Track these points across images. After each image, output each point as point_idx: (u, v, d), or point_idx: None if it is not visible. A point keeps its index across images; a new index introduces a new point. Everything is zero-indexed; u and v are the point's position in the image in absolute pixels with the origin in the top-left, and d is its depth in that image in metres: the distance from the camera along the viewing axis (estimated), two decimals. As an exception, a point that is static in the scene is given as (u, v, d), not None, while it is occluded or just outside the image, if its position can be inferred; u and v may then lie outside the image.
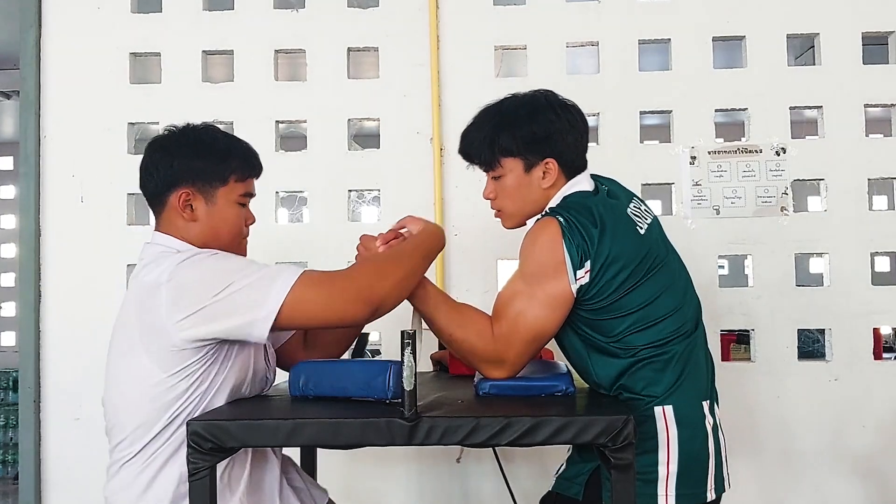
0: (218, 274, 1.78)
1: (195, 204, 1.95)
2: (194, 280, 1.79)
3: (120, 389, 1.89)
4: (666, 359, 1.94)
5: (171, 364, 1.80)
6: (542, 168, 2.03)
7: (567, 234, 1.89)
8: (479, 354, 1.95)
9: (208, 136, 2.01)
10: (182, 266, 1.81)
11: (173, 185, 1.94)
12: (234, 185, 1.98)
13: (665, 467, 1.92)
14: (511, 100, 2.08)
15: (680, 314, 1.99)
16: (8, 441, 7.10)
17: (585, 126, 2.09)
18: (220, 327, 1.77)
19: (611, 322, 1.94)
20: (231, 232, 1.99)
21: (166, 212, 1.97)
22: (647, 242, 1.99)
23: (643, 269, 1.94)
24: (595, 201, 1.98)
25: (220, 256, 1.85)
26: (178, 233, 1.96)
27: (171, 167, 1.95)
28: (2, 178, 10.35)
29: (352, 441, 1.70)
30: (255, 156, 2.06)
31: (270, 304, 1.75)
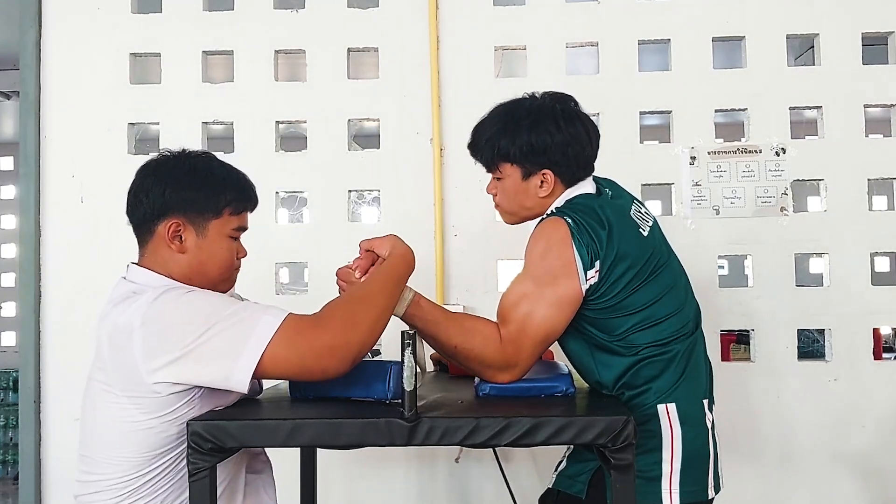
0: (194, 318, 1.68)
1: (185, 235, 1.85)
2: (168, 324, 1.69)
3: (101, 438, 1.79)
4: (668, 358, 1.95)
5: (155, 408, 1.72)
6: (539, 177, 2.04)
7: (576, 235, 1.89)
8: (488, 361, 1.92)
9: (204, 164, 1.92)
10: (155, 306, 1.71)
11: (163, 214, 1.84)
12: (229, 219, 1.89)
13: (668, 465, 1.92)
14: (522, 103, 2.08)
15: (681, 315, 2.00)
16: (8, 441, 7.10)
17: (591, 138, 2.07)
18: (196, 376, 1.69)
19: (616, 320, 1.95)
20: (220, 267, 1.90)
21: (152, 241, 1.87)
22: (651, 244, 2.00)
23: (648, 269, 1.95)
24: (600, 203, 1.99)
25: (194, 295, 1.75)
26: (162, 265, 1.86)
27: (162, 195, 1.84)
28: (2, 178, 10.33)
29: (352, 441, 1.70)
30: (252, 188, 1.97)
31: (247, 355, 1.66)
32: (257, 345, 1.66)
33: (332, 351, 1.69)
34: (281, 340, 1.67)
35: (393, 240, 1.99)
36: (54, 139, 3.36)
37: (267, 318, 1.69)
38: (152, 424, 1.72)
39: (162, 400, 1.70)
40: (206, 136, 3.37)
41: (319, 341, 1.69)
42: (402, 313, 1.94)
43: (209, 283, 1.88)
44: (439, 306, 2.02)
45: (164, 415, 1.72)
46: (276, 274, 3.31)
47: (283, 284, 3.42)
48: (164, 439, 1.74)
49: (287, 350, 1.68)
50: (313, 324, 1.72)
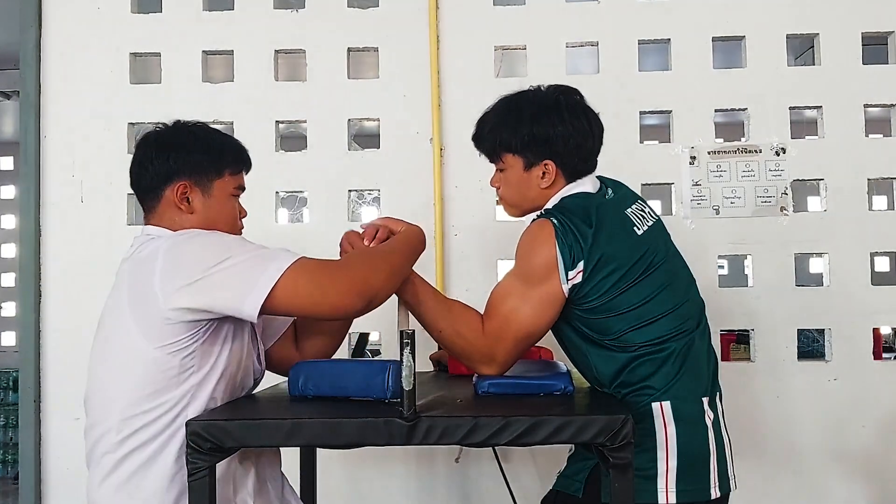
0: (215, 248, 1.78)
1: (192, 196, 1.95)
2: (191, 252, 1.79)
3: (107, 371, 1.86)
4: (664, 356, 1.95)
5: (161, 336, 1.77)
6: (541, 168, 2.05)
7: (560, 235, 1.91)
8: (468, 350, 1.98)
9: (202, 131, 2.04)
10: (180, 239, 1.83)
11: (170, 178, 1.95)
12: (229, 179, 2.00)
13: (664, 463, 1.92)
14: (525, 95, 2.09)
15: (678, 313, 1.99)
16: (8, 441, 7.10)
17: (595, 131, 2.09)
18: (211, 300, 1.75)
19: (607, 321, 1.95)
20: (227, 223, 1.99)
21: (161, 206, 1.97)
22: (645, 243, 1.99)
23: (639, 269, 1.94)
24: (592, 202, 2.00)
25: (218, 233, 1.87)
26: (173, 225, 1.95)
27: (167, 161, 1.95)
28: (2, 178, 10.34)
29: (351, 441, 1.70)
30: (246, 151, 2.09)
31: (264, 282, 1.73)
32: (274, 273, 1.74)
33: (352, 285, 1.79)
34: (301, 270, 1.77)
35: (405, 221, 2.10)
36: (54, 139, 3.36)
37: (289, 252, 1.81)
38: (155, 356, 1.77)
39: (170, 328, 1.77)
40: (206, 136, 3.36)
41: (338, 276, 1.80)
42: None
43: None
44: (433, 288, 2.07)
45: (169, 344, 1.77)
46: (276, 274, 3.30)
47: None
48: (163, 373, 1.79)
49: (306, 279, 1.77)
50: (333, 264, 1.87)
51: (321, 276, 1.79)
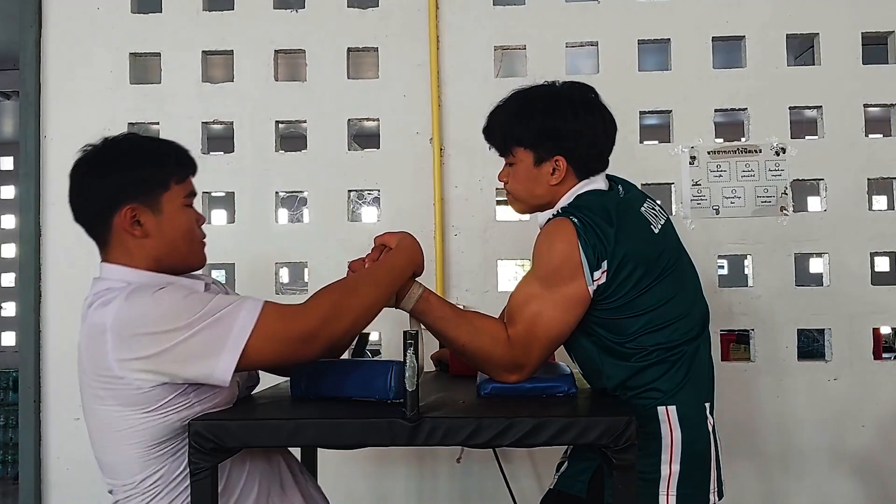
0: (167, 316, 1.66)
1: (143, 218, 1.81)
2: (141, 322, 1.66)
3: (103, 440, 1.79)
4: (673, 360, 1.94)
5: (143, 402, 1.69)
6: (551, 164, 2.00)
7: (582, 235, 1.87)
8: (495, 361, 1.91)
9: (136, 143, 1.91)
10: (126, 305, 1.68)
11: (114, 204, 1.80)
12: (176, 189, 1.85)
13: (667, 467, 1.92)
14: (539, 89, 2.06)
15: (689, 318, 1.99)
16: (8, 441, 7.09)
17: (608, 130, 2.07)
18: (176, 374, 1.68)
19: (625, 321, 1.93)
20: (186, 238, 1.87)
21: (113, 236, 1.82)
22: (661, 242, 1.98)
23: (658, 268, 1.93)
24: (609, 200, 1.98)
25: (166, 292, 1.70)
26: (130, 257, 1.82)
27: (106, 187, 1.81)
28: (2, 178, 10.33)
29: (353, 441, 1.70)
30: (188, 152, 1.93)
31: (227, 354, 1.65)
32: (238, 340, 1.65)
33: (311, 339, 1.70)
34: (261, 332, 1.66)
35: (403, 235, 1.98)
36: (54, 139, 3.35)
37: (244, 313, 1.68)
38: (147, 419, 1.70)
39: (147, 394, 1.68)
40: (206, 136, 3.37)
41: (299, 330, 1.69)
42: (411, 308, 1.93)
43: (181, 258, 1.86)
44: (449, 303, 2.00)
45: (157, 408, 1.70)
46: (276, 274, 3.31)
47: (283, 284, 3.41)
48: (165, 429, 1.72)
49: (267, 341, 1.67)
50: (294, 312, 1.71)
51: (282, 333, 1.69)
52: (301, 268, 3.44)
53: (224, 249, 3.30)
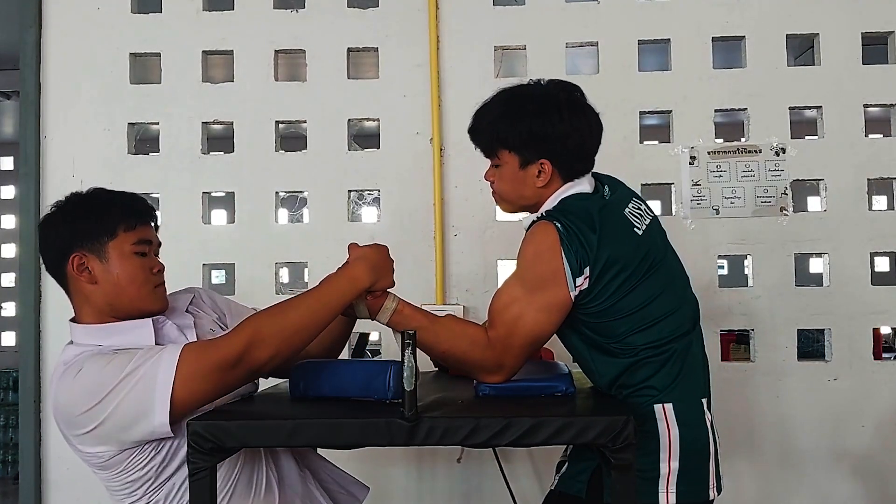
0: (92, 394, 1.74)
1: (90, 265, 1.88)
2: (72, 406, 1.77)
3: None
4: (665, 357, 1.94)
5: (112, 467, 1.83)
6: (536, 167, 1.99)
7: (565, 241, 1.87)
8: (476, 363, 1.93)
9: (88, 196, 1.97)
10: (58, 393, 1.81)
11: (65, 254, 1.89)
12: (125, 236, 1.90)
13: (666, 465, 1.92)
14: (526, 89, 2.04)
15: (678, 314, 1.99)
16: (8, 441, 7.10)
17: (594, 131, 2.04)
18: (121, 441, 1.77)
19: (611, 324, 1.94)
20: (133, 283, 1.90)
21: (71, 285, 1.93)
22: (646, 243, 1.98)
23: (642, 269, 1.93)
24: (593, 204, 1.96)
25: (86, 371, 1.77)
26: (85, 305, 1.93)
27: (57, 237, 1.91)
28: (2, 178, 10.34)
29: (352, 441, 1.70)
30: (141, 202, 1.98)
31: (159, 408, 1.72)
32: (164, 392, 1.71)
33: (231, 366, 1.75)
34: (182, 376, 1.72)
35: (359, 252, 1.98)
36: (54, 139, 3.35)
37: (164, 365, 1.73)
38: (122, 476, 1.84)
39: (110, 461, 1.81)
40: (206, 136, 3.36)
41: (216, 360, 1.74)
42: (386, 321, 1.96)
43: (131, 304, 1.91)
44: (424, 311, 2.00)
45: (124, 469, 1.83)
46: (276, 274, 3.31)
47: (283, 284, 3.41)
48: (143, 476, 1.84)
49: (191, 381, 1.73)
50: (212, 345, 1.79)
51: (204, 370, 1.74)
52: (301, 268, 3.44)
53: (224, 249, 3.31)
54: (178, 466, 1.84)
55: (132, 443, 1.77)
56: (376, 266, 1.95)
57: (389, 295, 1.97)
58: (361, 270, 1.92)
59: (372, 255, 1.97)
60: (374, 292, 1.95)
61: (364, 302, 1.96)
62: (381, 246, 2.01)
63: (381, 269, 1.96)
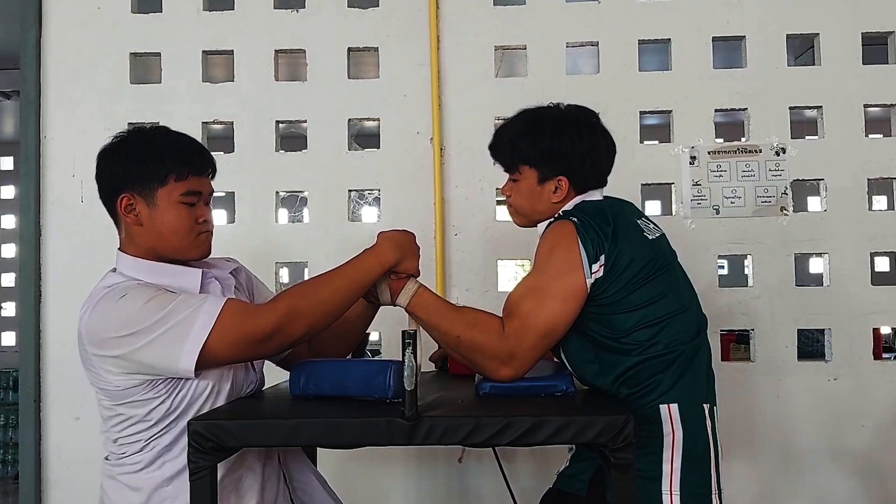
0: (129, 323, 1.78)
1: (137, 208, 1.92)
2: (105, 328, 1.81)
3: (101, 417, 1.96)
4: (670, 358, 1.96)
5: (120, 397, 1.86)
6: (554, 183, 2.09)
7: (581, 231, 1.94)
8: (489, 352, 1.93)
9: (146, 137, 1.98)
10: (94, 315, 1.84)
11: (116, 192, 1.93)
12: (175, 185, 1.92)
13: (669, 465, 1.92)
14: (546, 111, 2.15)
15: (684, 316, 2.01)
16: (8, 441, 7.10)
17: (609, 151, 2.16)
18: (146, 369, 1.81)
19: (619, 317, 1.96)
20: (177, 233, 1.93)
21: (120, 222, 1.98)
22: (655, 248, 2.04)
23: (650, 268, 1.97)
24: (606, 204, 2.06)
25: (130, 297, 1.82)
26: (131, 242, 1.96)
27: (111, 174, 1.94)
28: (2, 178, 10.34)
29: (352, 441, 1.70)
30: (197, 152, 1.99)
31: (188, 349, 1.77)
32: (198, 337, 1.77)
33: (267, 339, 1.81)
34: (219, 330, 1.78)
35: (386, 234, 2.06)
36: (54, 139, 3.35)
37: (204, 314, 1.79)
38: (122, 411, 1.87)
39: (124, 392, 1.84)
40: (206, 136, 3.36)
41: (254, 330, 1.80)
42: (406, 304, 2.01)
43: (173, 250, 1.95)
44: (444, 299, 2.07)
45: (133, 401, 1.85)
46: (276, 274, 3.31)
47: (283, 284, 3.41)
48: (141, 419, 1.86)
49: (225, 339, 1.79)
50: (252, 312, 1.84)
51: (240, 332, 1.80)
52: (301, 268, 3.44)
53: (224, 249, 3.27)
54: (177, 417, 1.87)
55: (153, 376, 1.81)
56: (401, 246, 2.03)
57: (411, 279, 2.05)
58: (387, 248, 2.01)
59: (398, 236, 2.05)
60: (397, 274, 2.03)
61: (387, 283, 2.04)
62: (409, 232, 2.10)
63: (407, 250, 2.04)
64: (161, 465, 1.87)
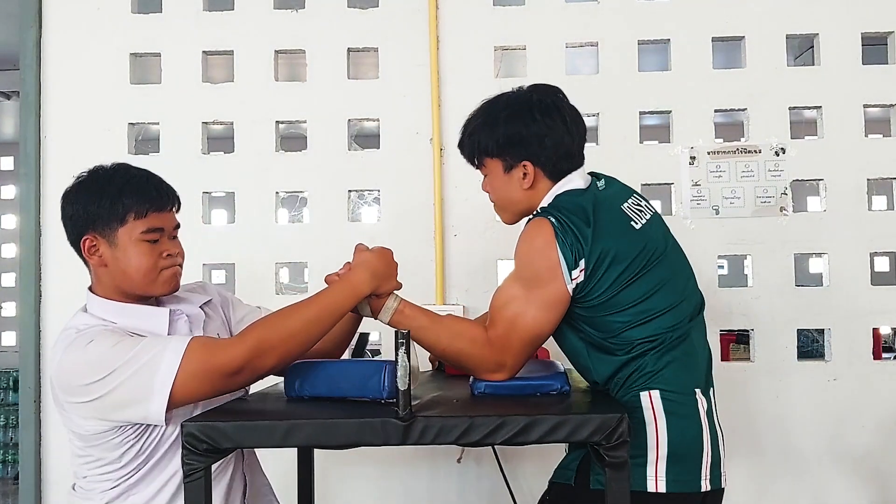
0: (96, 369, 1.77)
1: (101, 249, 1.91)
2: (74, 374, 1.80)
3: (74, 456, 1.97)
4: (656, 345, 1.94)
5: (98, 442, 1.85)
6: (520, 170, 2.04)
7: (560, 235, 1.89)
8: (476, 361, 1.95)
9: (106, 176, 1.95)
10: (63, 359, 1.83)
11: (79, 233, 1.93)
12: (135, 223, 1.90)
13: (654, 451, 1.89)
14: (502, 97, 2.09)
15: (677, 310, 1.98)
16: (8, 441, 7.11)
17: (571, 129, 2.05)
18: (115, 420, 1.80)
19: (609, 318, 1.94)
20: (139, 271, 1.91)
21: (87, 261, 1.96)
22: (644, 237, 1.98)
23: (639, 263, 1.93)
24: (586, 198, 1.98)
25: (96, 343, 1.80)
26: (100, 283, 1.96)
27: (74, 215, 1.93)
28: (2, 178, 10.34)
29: (347, 441, 1.70)
30: (156, 188, 1.96)
31: (157, 397, 1.76)
32: (165, 381, 1.75)
33: (235, 373, 1.80)
34: (186, 371, 1.76)
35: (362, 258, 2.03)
36: (54, 139, 3.36)
37: (169, 354, 1.77)
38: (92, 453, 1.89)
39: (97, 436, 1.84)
40: (206, 136, 3.37)
41: (222, 365, 1.78)
42: (388, 321, 2.00)
43: (139, 288, 1.93)
44: (425, 311, 2.03)
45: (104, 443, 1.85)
46: (276, 274, 3.31)
47: (283, 284, 3.41)
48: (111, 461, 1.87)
49: (193, 378, 1.77)
50: (221, 347, 1.82)
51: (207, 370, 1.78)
52: (301, 268, 3.45)
53: (224, 249, 3.31)
54: (153, 465, 1.88)
55: (122, 422, 1.80)
56: (377, 273, 1.99)
57: (392, 295, 2.02)
58: (362, 278, 1.97)
59: (373, 261, 2.01)
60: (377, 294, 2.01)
61: (367, 301, 2.01)
62: (386, 250, 2.07)
63: (383, 275, 2.01)
64: (127, 499, 1.88)
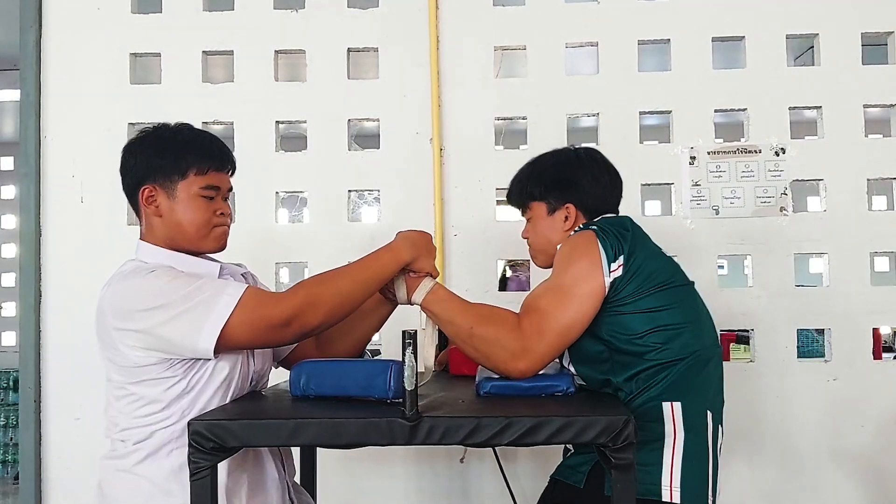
0: (155, 296, 1.83)
1: (158, 199, 1.99)
2: (132, 301, 1.85)
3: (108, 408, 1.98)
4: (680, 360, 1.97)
5: (136, 375, 1.87)
6: (563, 212, 2.21)
7: (601, 235, 2.00)
8: (503, 343, 1.95)
9: (170, 132, 2.05)
10: (121, 287, 1.89)
11: (139, 183, 1.99)
12: (195, 179, 1.99)
13: (670, 460, 1.95)
14: (550, 152, 2.31)
15: (697, 325, 2.05)
16: (8, 441, 7.09)
17: (613, 181, 2.25)
18: (165, 347, 1.84)
19: (634, 318, 1.97)
20: (194, 225, 2.00)
21: (141, 211, 2.03)
22: (673, 264, 2.11)
23: (667, 276, 2.03)
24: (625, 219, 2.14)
25: (157, 275, 1.88)
26: (151, 232, 2.02)
27: (135, 166, 2.00)
28: (2, 178, 10.31)
29: (353, 441, 1.69)
30: (218, 149, 2.07)
31: (208, 331, 1.81)
32: (218, 320, 1.82)
33: (284, 326, 1.86)
34: (239, 315, 1.82)
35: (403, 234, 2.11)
36: (54, 139, 3.36)
37: (226, 297, 1.84)
38: (135, 391, 1.89)
39: (141, 370, 1.86)
40: (206, 136, 3.36)
41: (273, 317, 1.85)
42: (421, 301, 2.06)
43: (190, 242, 2.01)
44: (459, 297, 2.10)
45: (148, 380, 1.87)
46: (276, 274, 3.31)
47: (283, 284, 3.41)
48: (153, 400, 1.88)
49: (244, 324, 1.83)
50: (271, 300, 1.90)
51: (259, 317, 1.84)
52: (301, 268, 3.44)
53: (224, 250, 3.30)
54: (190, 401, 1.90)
55: (170, 354, 1.85)
56: (417, 245, 2.09)
57: (428, 277, 2.10)
58: (403, 246, 2.07)
59: (414, 236, 2.11)
60: (415, 272, 2.09)
61: (403, 280, 2.09)
62: (426, 232, 2.15)
63: (422, 249, 2.10)
64: (169, 454, 1.88)
